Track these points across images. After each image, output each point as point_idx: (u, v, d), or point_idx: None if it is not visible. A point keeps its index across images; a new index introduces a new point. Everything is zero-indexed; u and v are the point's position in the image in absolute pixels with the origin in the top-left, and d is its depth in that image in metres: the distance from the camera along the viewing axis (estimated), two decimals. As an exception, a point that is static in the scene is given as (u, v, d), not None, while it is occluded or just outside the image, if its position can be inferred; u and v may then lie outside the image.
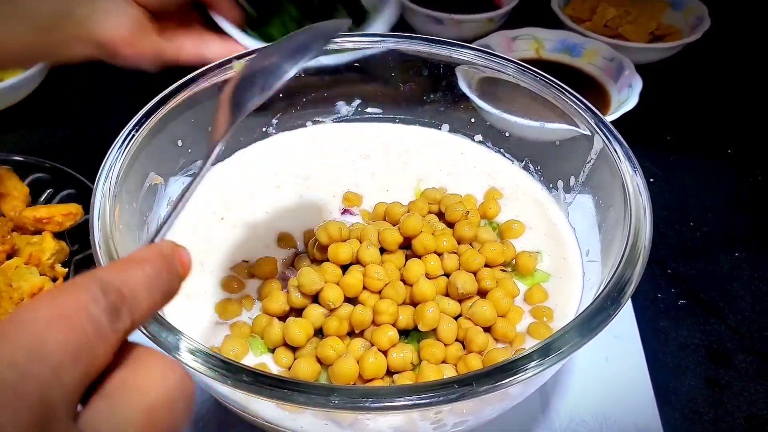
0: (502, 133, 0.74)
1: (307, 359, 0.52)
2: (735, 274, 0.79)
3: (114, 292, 0.28)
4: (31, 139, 0.97)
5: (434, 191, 0.68)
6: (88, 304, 0.26)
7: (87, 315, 0.26)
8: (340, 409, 0.41)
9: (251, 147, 0.75)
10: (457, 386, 0.41)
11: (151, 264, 0.31)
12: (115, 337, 0.27)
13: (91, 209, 0.52)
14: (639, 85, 0.93)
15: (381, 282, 0.56)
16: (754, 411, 0.65)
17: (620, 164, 0.57)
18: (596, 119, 0.61)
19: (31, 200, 0.78)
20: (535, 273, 0.62)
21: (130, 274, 0.30)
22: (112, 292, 0.28)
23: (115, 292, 0.28)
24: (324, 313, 0.55)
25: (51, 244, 0.72)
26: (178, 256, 0.33)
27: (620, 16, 1.12)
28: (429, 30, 1.10)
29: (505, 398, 0.52)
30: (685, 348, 0.71)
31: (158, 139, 0.62)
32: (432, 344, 0.54)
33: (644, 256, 0.50)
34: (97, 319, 0.26)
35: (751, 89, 1.10)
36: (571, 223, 0.67)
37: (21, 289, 0.66)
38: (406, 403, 0.41)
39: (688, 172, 0.94)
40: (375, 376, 0.52)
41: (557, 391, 0.64)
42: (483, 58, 0.69)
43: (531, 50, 1.06)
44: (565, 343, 0.44)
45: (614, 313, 0.46)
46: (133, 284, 0.29)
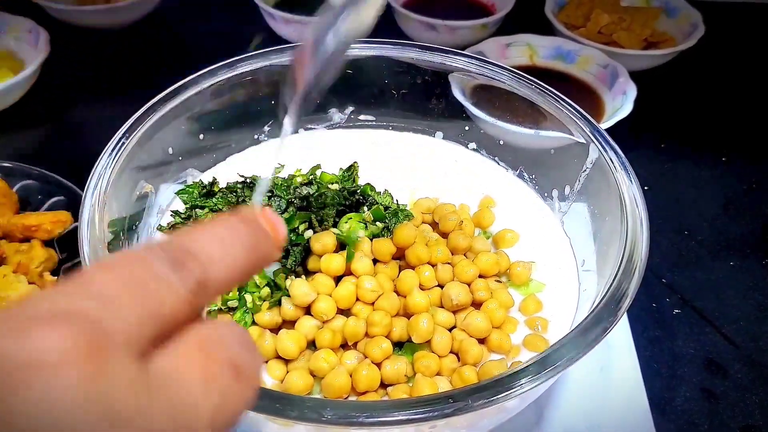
0: (497, 140, 0.74)
1: (299, 372, 0.52)
2: (730, 283, 0.79)
3: (176, 248, 0.25)
4: (20, 146, 0.96)
5: (427, 200, 0.67)
6: (142, 256, 0.24)
7: (140, 262, 0.24)
8: (333, 424, 0.40)
9: (243, 153, 0.75)
10: (453, 401, 0.41)
11: (225, 224, 0.28)
12: (183, 286, 0.24)
13: (80, 220, 0.51)
14: (633, 92, 0.93)
15: (374, 293, 0.55)
16: (750, 422, 0.65)
17: (616, 174, 0.57)
18: (591, 127, 0.61)
19: (19, 207, 0.77)
20: (530, 283, 0.62)
21: (198, 234, 0.26)
22: (174, 248, 0.25)
23: (177, 248, 0.25)
24: (316, 325, 0.55)
25: (40, 252, 0.71)
26: (264, 217, 0.30)
27: (614, 22, 1.12)
28: (422, 36, 1.10)
29: (501, 412, 0.51)
30: (681, 358, 0.71)
31: (148, 146, 0.61)
32: (426, 356, 0.53)
33: (641, 268, 0.49)
34: (153, 266, 0.24)
35: (746, 96, 1.10)
36: (567, 232, 0.66)
37: (9, 298, 0.65)
38: (400, 418, 0.40)
39: (682, 179, 0.94)
40: (368, 389, 0.51)
41: (551, 401, 0.64)
42: (477, 66, 0.68)
43: (525, 57, 1.06)
44: (561, 357, 0.44)
45: (611, 326, 0.46)
46: (202, 241, 0.26)
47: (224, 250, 0.26)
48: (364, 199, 0.65)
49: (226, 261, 0.26)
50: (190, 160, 0.70)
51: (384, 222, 0.62)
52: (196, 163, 0.71)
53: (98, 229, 0.51)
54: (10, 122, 0.97)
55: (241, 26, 1.07)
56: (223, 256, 0.26)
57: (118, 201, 0.57)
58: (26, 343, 0.20)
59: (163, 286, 0.23)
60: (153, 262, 0.24)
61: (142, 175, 0.62)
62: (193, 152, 0.70)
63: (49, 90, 1.02)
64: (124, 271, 0.23)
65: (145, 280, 0.23)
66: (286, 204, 0.63)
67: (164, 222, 0.65)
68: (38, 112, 1.00)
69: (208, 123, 0.70)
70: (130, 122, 0.59)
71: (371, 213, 0.63)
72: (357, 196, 0.65)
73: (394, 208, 0.65)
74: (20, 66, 0.99)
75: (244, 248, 0.27)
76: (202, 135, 0.70)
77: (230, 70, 0.67)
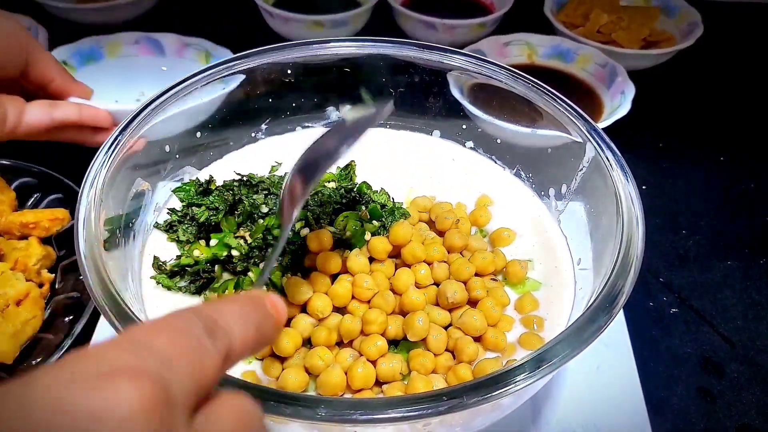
0: (494, 139, 0.74)
1: (295, 369, 0.52)
2: (727, 282, 0.79)
3: (208, 318, 0.29)
4: (18, 143, 0.95)
5: (424, 199, 0.67)
6: (186, 322, 0.28)
7: (187, 329, 0.28)
8: (327, 421, 0.40)
9: (240, 151, 0.75)
10: (447, 398, 0.41)
11: (240, 303, 0.33)
12: (217, 353, 0.28)
13: (76, 218, 0.51)
14: (632, 91, 0.93)
15: (370, 291, 0.55)
16: (746, 421, 0.65)
17: (612, 172, 0.57)
18: (588, 127, 0.61)
19: (17, 205, 0.77)
20: (526, 281, 0.62)
21: (221, 308, 0.31)
22: (206, 318, 0.29)
23: (208, 318, 0.29)
24: (312, 322, 0.55)
25: (37, 249, 0.71)
26: (269, 300, 0.35)
27: (613, 22, 1.12)
28: (421, 35, 1.10)
29: (496, 409, 0.51)
30: (677, 357, 0.71)
31: (145, 144, 0.61)
32: (421, 354, 0.53)
33: (636, 267, 0.49)
34: (197, 333, 0.28)
35: (745, 96, 1.10)
36: (563, 231, 0.66)
37: (7, 295, 0.65)
38: (394, 416, 0.40)
39: (680, 179, 0.94)
40: (363, 387, 0.51)
41: (547, 399, 0.64)
42: (475, 64, 0.68)
43: (523, 56, 1.06)
44: (556, 355, 0.44)
45: (606, 324, 0.46)
46: (225, 315, 0.31)
47: (240, 327, 0.31)
48: (360, 197, 0.65)
49: (242, 336, 0.31)
50: (187, 158, 0.70)
51: (380, 220, 0.62)
52: (193, 161, 0.71)
53: (94, 227, 0.51)
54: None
55: (240, 24, 1.07)
56: (240, 331, 0.31)
57: (114, 199, 0.57)
58: (106, 396, 0.23)
59: (205, 352, 0.28)
60: (194, 329, 0.28)
61: (139, 173, 0.62)
62: (190, 150, 0.70)
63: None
64: (178, 335, 0.27)
65: (194, 345, 0.27)
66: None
67: (161, 220, 0.65)
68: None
69: (206, 121, 0.70)
70: (126, 120, 0.59)
71: (368, 211, 0.62)
72: (353, 194, 0.65)
73: (390, 206, 0.65)
74: (19, 64, 0.99)
75: (253, 326, 0.32)
76: (199, 133, 0.70)
77: (228, 68, 0.67)
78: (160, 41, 1.03)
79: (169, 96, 0.63)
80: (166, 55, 1.03)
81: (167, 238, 0.64)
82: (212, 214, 0.63)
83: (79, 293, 0.69)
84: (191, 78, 0.65)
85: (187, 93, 0.64)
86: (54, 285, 0.71)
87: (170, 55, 1.03)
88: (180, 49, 1.03)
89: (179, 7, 1.11)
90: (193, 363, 0.27)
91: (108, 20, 1.13)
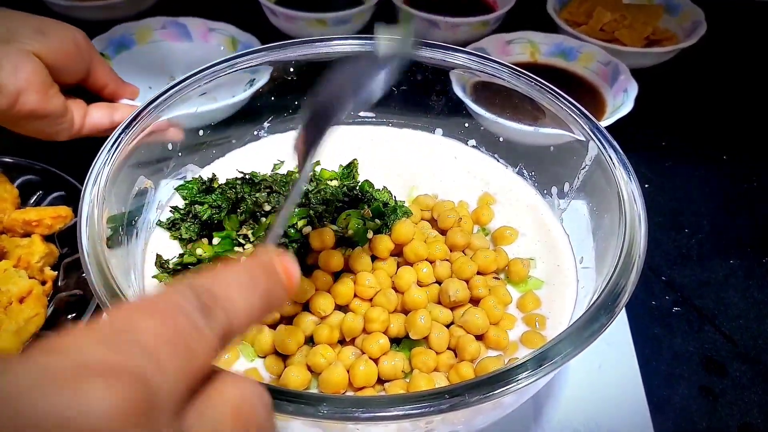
0: (496, 137, 0.74)
1: (297, 367, 0.52)
2: (730, 281, 0.79)
3: (205, 292, 0.27)
4: (21, 141, 0.95)
5: (427, 198, 0.67)
6: (178, 300, 0.25)
7: (178, 308, 0.25)
8: (329, 419, 0.40)
9: (242, 149, 0.75)
10: (449, 396, 0.41)
11: (247, 269, 0.30)
12: (213, 335, 0.26)
13: (79, 216, 0.51)
14: (634, 90, 0.93)
15: (372, 290, 0.55)
16: (749, 420, 0.65)
17: (615, 171, 0.57)
18: (591, 125, 0.60)
19: (20, 202, 0.77)
20: (528, 280, 0.62)
21: (222, 278, 0.28)
22: (204, 292, 0.27)
23: (206, 292, 0.27)
24: (315, 321, 0.55)
25: (40, 247, 0.71)
26: (280, 263, 0.32)
27: (616, 20, 1.11)
28: (424, 33, 1.10)
29: (497, 407, 0.51)
30: (679, 356, 0.70)
31: (148, 142, 0.61)
32: (423, 352, 0.53)
33: (639, 265, 0.49)
34: (190, 313, 0.25)
35: (747, 95, 1.10)
36: (566, 229, 0.66)
37: (9, 292, 0.65)
38: (396, 414, 0.40)
39: (683, 177, 0.93)
40: (365, 385, 0.51)
41: (549, 398, 0.64)
42: (477, 62, 0.68)
43: (526, 54, 1.06)
44: (558, 354, 0.43)
45: (608, 322, 0.46)
46: (227, 286, 0.28)
47: (244, 298, 0.28)
48: (362, 195, 0.65)
49: (246, 308, 0.28)
50: (189, 155, 0.70)
51: (383, 219, 0.62)
52: (195, 159, 0.71)
53: (97, 224, 0.51)
54: (12, 118, 0.97)
55: (243, 22, 1.07)
56: (243, 303, 0.28)
57: (117, 197, 0.57)
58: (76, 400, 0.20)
59: (198, 336, 0.25)
60: (187, 307, 0.25)
61: (142, 170, 0.62)
62: (193, 148, 0.70)
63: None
64: (165, 319, 0.24)
65: (184, 329, 0.25)
66: (284, 200, 0.63)
67: (164, 218, 0.65)
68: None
69: (208, 119, 0.70)
70: (129, 118, 0.59)
71: (370, 210, 0.63)
72: (356, 193, 0.65)
73: (392, 204, 0.65)
74: (22, 61, 0.99)
75: (260, 297, 0.30)
76: (201, 131, 0.70)
77: (230, 66, 0.67)
78: (186, 25, 1.06)
79: (170, 95, 0.63)
80: (192, 40, 1.06)
81: (170, 236, 0.65)
82: (215, 212, 0.63)
83: (81, 291, 0.69)
84: (192, 76, 0.65)
85: (185, 95, 0.64)
86: (57, 282, 0.71)
87: (196, 40, 1.06)
88: (205, 34, 1.06)
89: (179, 5, 1.11)
90: (182, 352, 0.24)
91: (108, 17, 1.13)
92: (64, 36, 0.63)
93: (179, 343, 0.24)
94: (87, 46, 0.65)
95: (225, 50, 1.05)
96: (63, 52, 0.62)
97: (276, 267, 0.31)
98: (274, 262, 0.32)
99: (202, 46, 1.07)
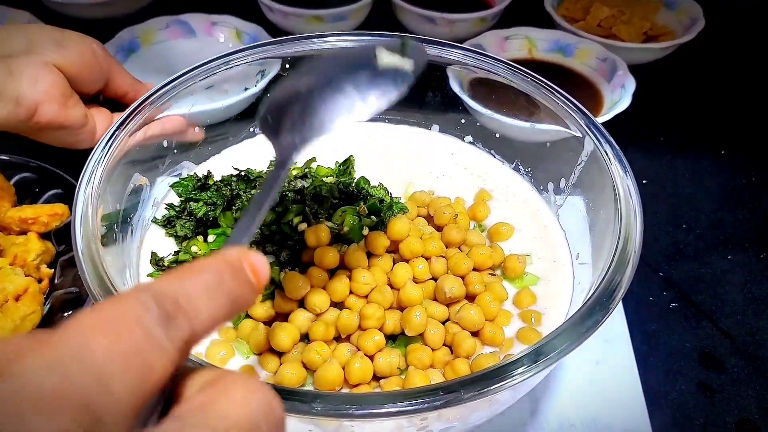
0: (493, 133, 0.74)
1: (292, 364, 0.52)
2: (727, 277, 0.78)
3: (167, 299, 0.26)
4: (17, 138, 0.95)
5: (423, 194, 0.67)
6: (136, 311, 0.25)
7: (135, 320, 0.24)
8: (324, 416, 0.40)
9: (238, 146, 0.74)
10: (444, 393, 0.41)
11: (213, 270, 0.28)
12: (173, 347, 0.25)
13: (73, 214, 0.51)
14: (632, 85, 0.92)
15: (368, 286, 0.55)
16: (746, 415, 0.65)
17: (611, 166, 0.56)
18: (587, 120, 0.60)
19: (17, 200, 0.77)
20: (524, 276, 0.61)
21: (187, 281, 0.27)
22: (165, 299, 0.26)
23: (168, 299, 0.26)
24: (310, 317, 0.55)
25: (36, 244, 0.71)
26: (248, 262, 0.30)
27: (614, 16, 1.11)
28: (421, 29, 1.10)
29: (493, 404, 0.51)
30: (677, 352, 0.70)
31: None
32: (419, 349, 0.53)
33: (634, 260, 0.49)
34: (147, 325, 0.24)
35: (746, 90, 1.09)
36: (562, 225, 0.66)
37: (5, 290, 0.65)
38: (390, 411, 0.40)
39: (681, 173, 0.93)
40: (361, 381, 0.51)
41: (546, 394, 0.63)
42: (474, 59, 0.68)
43: (524, 50, 1.05)
44: (553, 349, 0.43)
45: (603, 318, 0.45)
46: (191, 291, 0.27)
47: (209, 301, 0.27)
48: (358, 192, 0.65)
49: (210, 313, 0.27)
50: (185, 153, 0.70)
51: (378, 215, 0.62)
52: (191, 156, 0.71)
53: (91, 222, 0.51)
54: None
55: (240, 18, 1.07)
56: (207, 308, 0.27)
57: (112, 194, 0.57)
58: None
59: (155, 348, 0.24)
60: (146, 318, 0.24)
61: (137, 168, 0.62)
62: (188, 145, 0.70)
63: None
64: (120, 334, 0.23)
65: (139, 344, 0.24)
66: (280, 197, 0.63)
67: (159, 215, 0.65)
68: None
69: (204, 116, 0.70)
70: (124, 115, 0.59)
71: (366, 206, 0.62)
72: (351, 189, 0.65)
73: (388, 201, 0.65)
74: (18, 59, 0.99)
75: (226, 299, 0.28)
76: (197, 128, 0.70)
77: (225, 63, 0.67)
78: (188, 22, 1.06)
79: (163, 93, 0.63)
80: (196, 36, 1.07)
81: (165, 233, 0.64)
82: (210, 209, 0.63)
83: (78, 288, 0.69)
84: (188, 72, 0.65)
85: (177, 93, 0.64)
86: (53, 280, 0.71)
87: (200, 35, 1.07)
88: (209, 28, 1.07)
89: (178, 2, 1.11)
90: (135, 369, 0.23)
91: (107, 15, 1.13)
92: (82, 47, 0.63)
93: (132, 360, 0.23)
94: (105, 56, 0.66)
95: (230, 43, 1.06)
96: (82, 63, 0.62)
97: (244, 266, 0.30)
98: (242, 260, 0.30)
99: (207, 40, 1.07)
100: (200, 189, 0.66)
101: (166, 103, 0.63)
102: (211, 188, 0.65)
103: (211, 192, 0.65)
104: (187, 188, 0.66)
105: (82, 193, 0.52)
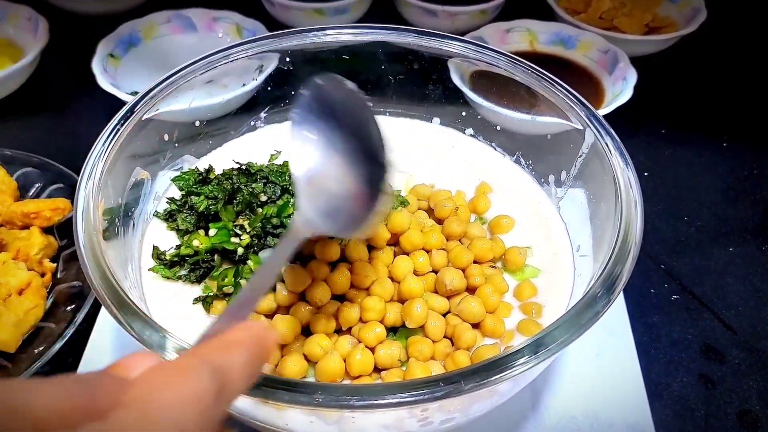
0: (494, 126, 0.74)
1: (294, 356, 0.52)
2: (729, 269, 0.78)
3: (222, 376, 0.28)
4: (19, 134, 0.96)
5: (423, 187, 0.67)
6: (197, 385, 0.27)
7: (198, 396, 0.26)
8: (325, 407, 0.40)
9: (239, 139, 0.74)
10: (444, 384, 0.41)
11: (251, 349, 0.31)
12: (217, 422, 0.27)
13: (74, 209, 0.51)
14: (633, 77, 0.92)
15: (369, 279, 0.55)
16: (747, 407, 0.65)
17: (611, 158, 0.56)
18: (588, 113, 0.60)
19: (19, 195, 0.78)
20: (524, 268, 0.61)
21: (235, 358, 0.30)
22: (219, 376, 0.28)
23: (222, 376, 0.28)
24: (311, 310, 0.55)
25: (39, 239, 0.71)
26: (272, 339, 0.34)
27: (615, 8, 1.11)
28: (422, 22, 1.10)
29: (493, 395, 0.51)
30: (678, 343, 0.70)
31: (144, 134, 0.61)
32: (420, 341, 0.53)
33: (635, 252, 0.49)
34: (207, 401, 0.26)
35: (747, 82, 1.09)
36: (563, 217, 0.66)
37: (9, 284, 0.66)
38: (390, 402, 0.40)
39: (682, 165, 0.93)
40: (362, 373, 0.51)
41: (547, 386, 0.64)
42: (475, 51, 0.68)
43: (525, 42, 1.05)
44: (554, 340, 0.43)
45: (604, 309, 0.45)
46: (236, 368, 0.30)
47: (244, 382, 0.30)
48: None
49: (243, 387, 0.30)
50: (186, 146, 0.70)
51: None
52: (192, 150, 0.71)
53: (93, 217, 0.51)
54: (10, 110, 0.98)
55: (240, 12, 1.07)
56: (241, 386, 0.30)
57: (113, 188, 0.57)
58: None
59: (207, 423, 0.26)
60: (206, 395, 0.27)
61: (138, 162, 0.62)
62: (190, 139, 0.70)
63: (48, 78, 1.02)
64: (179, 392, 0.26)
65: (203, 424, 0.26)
66: (281, 190, 0.63)
67: (160, 209, 0.65)
68: (38, 100, 1.01)
69: (205, 110, 0.70)
70: (124, 109, 0.59)
71: None
72: None
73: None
74: (20, 54, 1.00)
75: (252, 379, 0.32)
76: (198, 122, 0.70)
77: (225, 56, 0.67)
78: (189, 17, 1.07)
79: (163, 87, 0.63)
80: (197, 31, 1.08)
81: (167, 226, 0.65)
82: (211, 203, 0.63)
83: (80, 282, 0.69)
84: (189, 65, 0.65)
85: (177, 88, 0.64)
86: (56, 274, 0.71)
87: (201, 30, 1.08)
88: (210, 23, 1.07)
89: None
90: None
91: (108, 10, 1.13)
92: None
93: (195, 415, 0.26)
94: None
95: (230, 38, 1.06)
96: None
97: (271, 344, 0.33)
98: (270, 339, 0.33)
99: (208, 35, 1.07)
100: (201, 183, 0.66)
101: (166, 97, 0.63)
102: (212, 182, 0.65)
103: (212, 186, 0.65)
104: (188, 182, 0.66)
105: (84, 187, 0.53)
